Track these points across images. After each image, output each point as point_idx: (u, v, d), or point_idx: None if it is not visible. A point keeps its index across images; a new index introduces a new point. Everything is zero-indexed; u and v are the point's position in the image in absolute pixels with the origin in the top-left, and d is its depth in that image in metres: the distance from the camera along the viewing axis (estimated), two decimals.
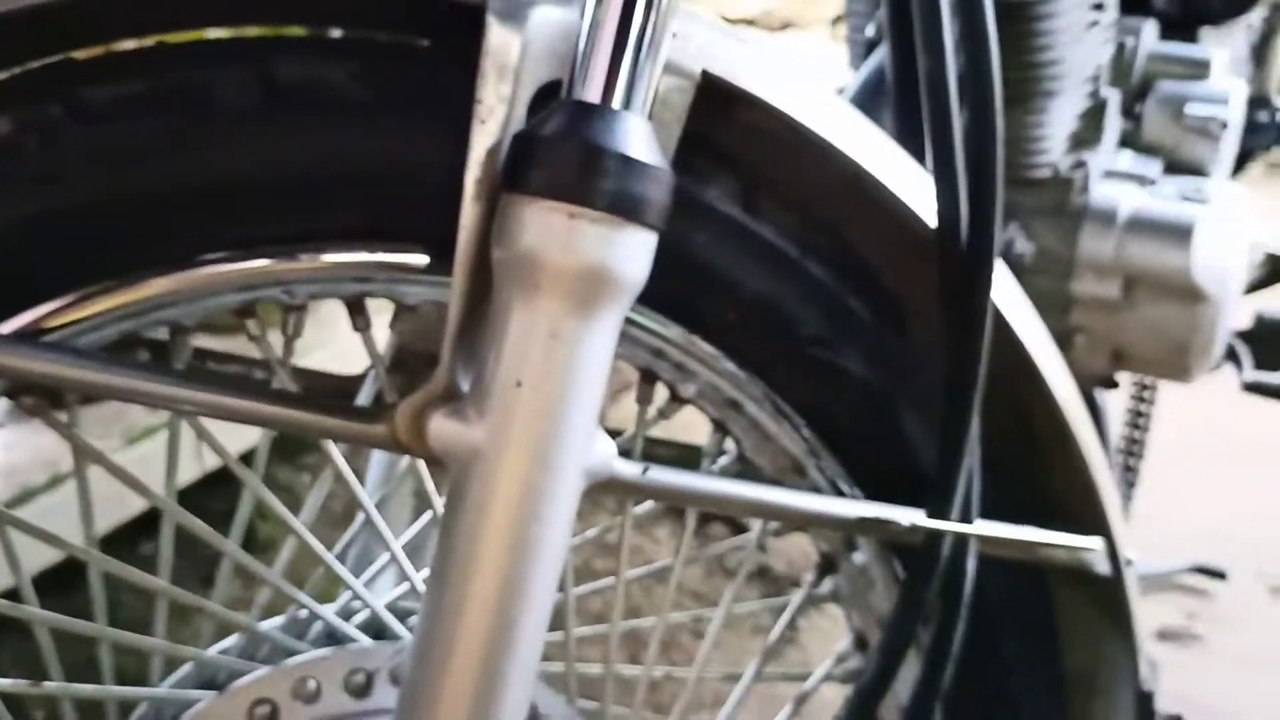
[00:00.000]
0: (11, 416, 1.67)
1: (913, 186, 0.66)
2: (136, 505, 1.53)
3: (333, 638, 0.68)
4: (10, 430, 1.47)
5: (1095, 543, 0.70)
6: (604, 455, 0.56)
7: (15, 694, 0.61)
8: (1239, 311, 1.14)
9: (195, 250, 0.58)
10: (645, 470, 0.60)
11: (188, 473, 1.60)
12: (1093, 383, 1.12)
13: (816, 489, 0.71)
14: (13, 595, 0.63)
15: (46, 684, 0.62)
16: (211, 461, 1.61)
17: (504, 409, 0.52)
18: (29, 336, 0.55)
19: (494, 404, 0.52)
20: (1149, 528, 1.62)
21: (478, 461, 0.52)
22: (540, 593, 0.54)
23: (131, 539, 1.50)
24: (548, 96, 0.54)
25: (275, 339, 0.63)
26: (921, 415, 0.71)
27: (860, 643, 0.77)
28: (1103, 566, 0.71)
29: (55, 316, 0.57)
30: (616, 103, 0.51)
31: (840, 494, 0.71)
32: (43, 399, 0.59)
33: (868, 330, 0.69)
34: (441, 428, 0.53)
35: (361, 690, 0.65)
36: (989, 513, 0.68)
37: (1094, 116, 1.03)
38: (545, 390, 0.51)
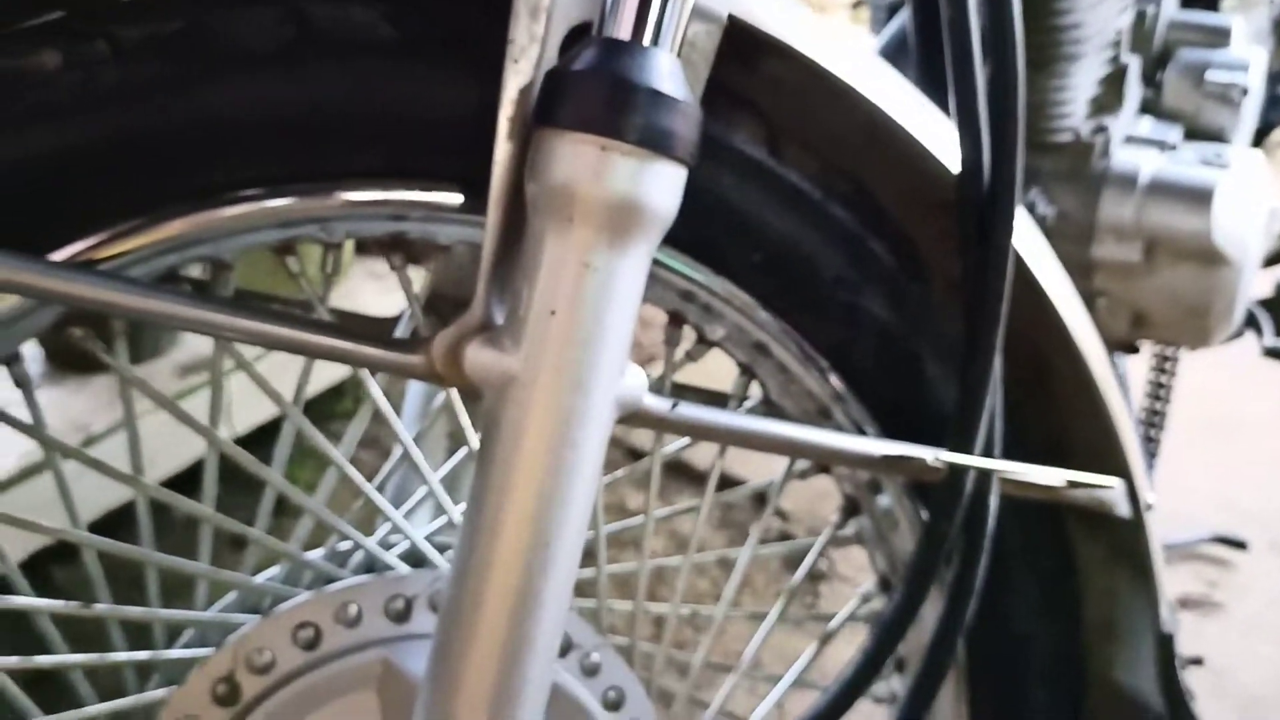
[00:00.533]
0: (46, 378, 1.69)
1: (935, 133, 0.68)
2: (169, 466, 1.56)
3: (371, 569, 0.69)
4: (44, 392, 1.50)
5: (1116, 482, 0.70)
6: (635, 387, 0.57)
7: (66, 615, 0.63)
8: (1260, 279, 1.14)
9: (233, 186, 0.59)
10: (674, 405, 0.62)
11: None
12: (1114, 347, 1.12)
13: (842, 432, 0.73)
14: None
15: (97, 605, 0.64)
16: (242, 426, 1.63)
17: (539, 337, 0.53)
18: (79, 266, 0.57)
19: (529, 332, 0.53)
20: (1170, 499, 1.62)
21: (513, 388, 0.54)
22: (574, 516, 0.55)
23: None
24: (578, 37, 0.55)
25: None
26: (944, 361, 0.72)
27: (884, 584, 0.78)
28: (1123, 508, 0.72)
29: (97, 250, 0.58)
30: (646, 40, 0.53)
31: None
32: (90, 330, 0.61)
33: (890, 273, 0.70)
34: (477, 356, 0.55)
35: (401, 615, 0.67)
36: (1011, 458, 0.69)
37: (1115, 82, 1.04)
38: (578, 318, 0.53)
